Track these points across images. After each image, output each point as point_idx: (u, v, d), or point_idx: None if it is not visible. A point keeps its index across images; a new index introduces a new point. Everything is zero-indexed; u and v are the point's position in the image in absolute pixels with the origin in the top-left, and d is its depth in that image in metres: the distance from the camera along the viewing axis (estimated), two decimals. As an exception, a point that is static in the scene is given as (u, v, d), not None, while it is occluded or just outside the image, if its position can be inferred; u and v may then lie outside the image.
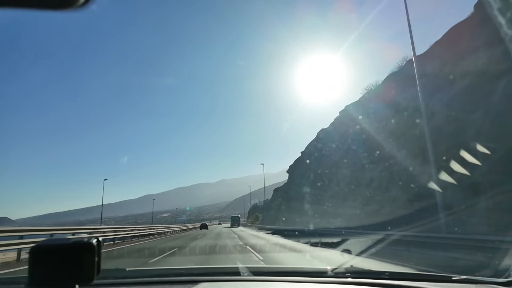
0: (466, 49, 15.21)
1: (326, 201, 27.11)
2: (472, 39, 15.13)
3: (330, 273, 2.11)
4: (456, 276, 1.95)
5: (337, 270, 2.11)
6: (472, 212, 11.15)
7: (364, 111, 25.75)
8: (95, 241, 0.97)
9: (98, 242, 0.98)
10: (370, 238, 12.50)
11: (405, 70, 20.89)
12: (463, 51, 15.44)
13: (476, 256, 7.79)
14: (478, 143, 11.14)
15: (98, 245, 0.98)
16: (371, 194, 20.44)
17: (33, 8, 0.82)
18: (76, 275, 0.93)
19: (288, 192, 45.54)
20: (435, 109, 15.63)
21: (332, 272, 2.11)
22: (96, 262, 0.96)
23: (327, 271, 2.13)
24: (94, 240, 0.97)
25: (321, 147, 34.66)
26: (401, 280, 1.91)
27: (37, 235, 11.86)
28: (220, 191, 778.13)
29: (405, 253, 10.09)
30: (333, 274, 2.09)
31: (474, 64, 14.29)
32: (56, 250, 0.94)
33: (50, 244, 0.95)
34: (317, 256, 10.11)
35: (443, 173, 11.76)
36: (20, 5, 0.81)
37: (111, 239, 18.63)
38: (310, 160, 36.48)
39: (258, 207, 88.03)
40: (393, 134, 19.70)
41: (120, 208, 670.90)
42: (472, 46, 14.86)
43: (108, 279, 2.05)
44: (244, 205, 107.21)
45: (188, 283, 2.03)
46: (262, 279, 2.11)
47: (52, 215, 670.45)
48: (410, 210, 14.42)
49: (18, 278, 2.18)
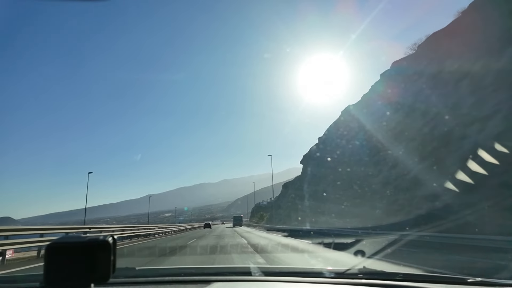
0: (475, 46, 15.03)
1: (344, 200, 25.91)
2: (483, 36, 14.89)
3: (343, 273, 2.07)
4: (472, 278, 1.90)
5: (350, 271, 2.08)
6: (492, 212, 10.96)
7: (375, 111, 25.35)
8: (110, 239, 0.94)
9: (113, 240, 0.95)
10: (386, 239, 12.16)
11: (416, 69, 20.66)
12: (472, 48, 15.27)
13: (494, 258, 7.68)
14: (496, 143, 10.96)
15: (113, 243, 0.95)
16: (391, 193, 19.80)
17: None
18: (91, 273, 0.90)
19: (302, 186, 40.42)
20: (448, 109, 15.45)
21: (345, 273, 2.07)
22: (111, 261, 0.93)
23: (340, 271, 2.10)
24: (110, 238, 0.94)
25: (334, 143, 32.92)
26: (415, 282, 1.88)
27: (31, 234, 11.58)
28: (222, 191, 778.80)
29: (421, 254, 9.84)
30: (346, 275, 2.06)
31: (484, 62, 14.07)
32: (71, 248, 0.91)
33: (65, 242, 0.92)
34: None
35: (461, 173, 11.57)
36: None
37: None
38: (326, 154, 33.86)
39: (261, 206, 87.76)
40: (413, 133, 19.21)
41: (122, 207, 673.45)
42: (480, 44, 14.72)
43: (119, 278, 2.02)
44: (247, 204, 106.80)
45: (200, 282, 2.01)
46: (274, 279, 2.09)
47: (55, 214, 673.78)
48: (426, 210, 14.09)
49: (33, 275, 2.16)
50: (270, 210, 68.55)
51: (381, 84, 28.39)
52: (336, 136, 34.83)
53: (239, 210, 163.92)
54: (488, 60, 13.75)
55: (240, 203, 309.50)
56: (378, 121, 24.54)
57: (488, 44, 14.03)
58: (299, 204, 39.04)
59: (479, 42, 14.78)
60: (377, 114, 25.24)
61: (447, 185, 11.58)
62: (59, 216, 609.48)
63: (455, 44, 16.87)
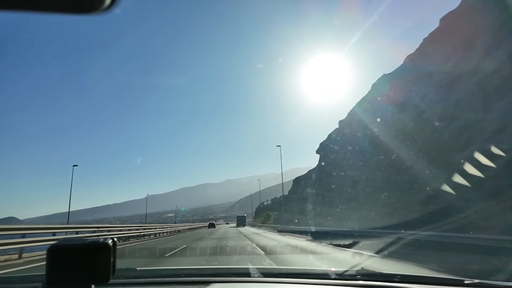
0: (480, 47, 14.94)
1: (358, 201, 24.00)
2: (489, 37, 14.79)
3: (340, 275, 2.09)
4: (469, 280, 1.91)
5: (348, 272, 2.09)
6: (487, 214, 10.93)
7: (377, 113, 25.12)
8: (110, 242, 0.98)
9: (113, 243, 0.99)
10: (392, 239, 11.77)
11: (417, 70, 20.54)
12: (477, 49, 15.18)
13: (491, 260, 7.65)
14: (493, 145, 10.91)
15: (113, 246, 0.99)
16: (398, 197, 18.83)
17: (59, 12, 0.81)
18: (92, 275, 0.94)
19: (320, 178, 35.00)
20: (449, 110, 15.39)
21: (342, 274, 2.09)
22: (111, 263, 0.97)
23: (337, 273, 2.12)
24: (110, 241, 0.98)
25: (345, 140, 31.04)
26: (412, 283, 1.89)
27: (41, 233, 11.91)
28: (225, 191, 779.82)
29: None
30: (344, 276, 2.08)
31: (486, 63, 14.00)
32: (73, 250, 0.95)
33: (66, 244, 0.96)
34: None
35: (457, 175, 11.53)
36: (44, 9, 0.80)
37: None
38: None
39: (266, 206, 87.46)
40: (409, 136, 19.07)
41: (126, 208, 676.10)
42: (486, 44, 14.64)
43: (120, 279, 2.05)
44: (251, 204, 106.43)
45: (199, 283, 2.03)
46: (272, 280, 2.10)
47: (59, 215, 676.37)
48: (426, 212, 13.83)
49: (35, 276, 2.20)
50: (277, 209, 66.79)
51: (384, 84, 28.26)
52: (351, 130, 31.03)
53: (243, 210, 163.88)
54: (491, 60, 13.68)
55: (243, 203, 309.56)
56: (381, 121, 24.35)
57: (492, 43, 13.97)
58: (319, 197, 33.64)
59: (482, 42, 14.71)
60: (379, 114, 25.08)
61: (444, 188, 11.51)
62: (62, 216, 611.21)
63: (457, 44, 16.79)
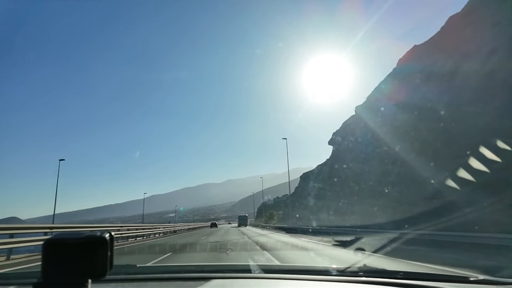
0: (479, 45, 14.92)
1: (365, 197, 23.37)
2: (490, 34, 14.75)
3: (343, 271, 2.07)
4: (474, 276, 1.89)
5: (350, 269, 2.07)
6: (492, 210, 10.87)
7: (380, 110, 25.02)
8: (107, 236, 0.93)
9: (110, 237, 0.95)
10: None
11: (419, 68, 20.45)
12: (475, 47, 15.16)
13: (495, 256, 7.64)
14: (497, 140, 10.82)
15: (111, 240, 0.94)
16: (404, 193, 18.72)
17: None
18: (88, 269, 0.90)
19: (331, 173, 32.72)
20: (451, 107, 15.30)
21: (345, 271, 2.07)
22: (108, 257, 0.92)
23: (339, 269, 2.09)
24: (107, 235, 0.94)
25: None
26: (416, 280, 1.86)
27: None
28: (226, 191, 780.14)
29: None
30: (346, 273, 2.06)
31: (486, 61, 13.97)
32: (69, 244, 0.91)
33: (62, 238, 0.92)
34: None
35: (461, 171, 11.44)
36: None
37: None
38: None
39: (268, 205, 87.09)
40: (412, 132, 18.90)
41: (128, 208, 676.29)
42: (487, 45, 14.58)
43: (120, 275, 2.04)
44: (253, 203, 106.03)
45: (199, 279, 2.02)
46: (273, 276, 2.08)
47: (60, 215, 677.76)
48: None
49: (30, 272, 2.19)
50: (280, 208, 66.48)
51: (386, 83, 28.19)
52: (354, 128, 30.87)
53: (244, 210, 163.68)
54: (493, 58, 13.63)
55: (245, 203, 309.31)
56: (383, 120, 24.23)
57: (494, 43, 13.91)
58: (331, 196, 31.46)
59: (483, 40, 14.66)
60: (381, 113, 25.02)
61: (448, 183, 11.44)
62: (64, 216, 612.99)
63: (459, 43, 16.74)
